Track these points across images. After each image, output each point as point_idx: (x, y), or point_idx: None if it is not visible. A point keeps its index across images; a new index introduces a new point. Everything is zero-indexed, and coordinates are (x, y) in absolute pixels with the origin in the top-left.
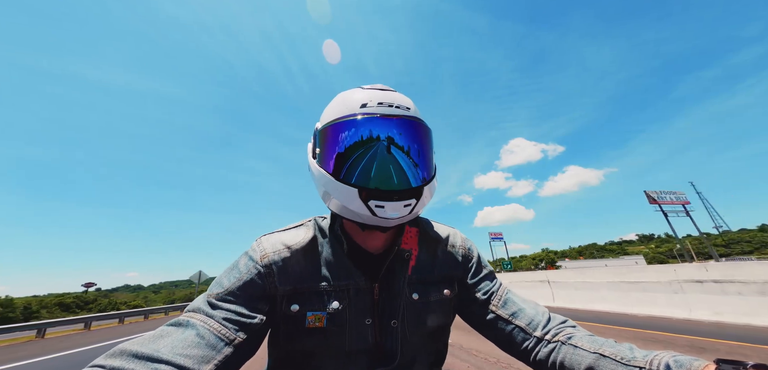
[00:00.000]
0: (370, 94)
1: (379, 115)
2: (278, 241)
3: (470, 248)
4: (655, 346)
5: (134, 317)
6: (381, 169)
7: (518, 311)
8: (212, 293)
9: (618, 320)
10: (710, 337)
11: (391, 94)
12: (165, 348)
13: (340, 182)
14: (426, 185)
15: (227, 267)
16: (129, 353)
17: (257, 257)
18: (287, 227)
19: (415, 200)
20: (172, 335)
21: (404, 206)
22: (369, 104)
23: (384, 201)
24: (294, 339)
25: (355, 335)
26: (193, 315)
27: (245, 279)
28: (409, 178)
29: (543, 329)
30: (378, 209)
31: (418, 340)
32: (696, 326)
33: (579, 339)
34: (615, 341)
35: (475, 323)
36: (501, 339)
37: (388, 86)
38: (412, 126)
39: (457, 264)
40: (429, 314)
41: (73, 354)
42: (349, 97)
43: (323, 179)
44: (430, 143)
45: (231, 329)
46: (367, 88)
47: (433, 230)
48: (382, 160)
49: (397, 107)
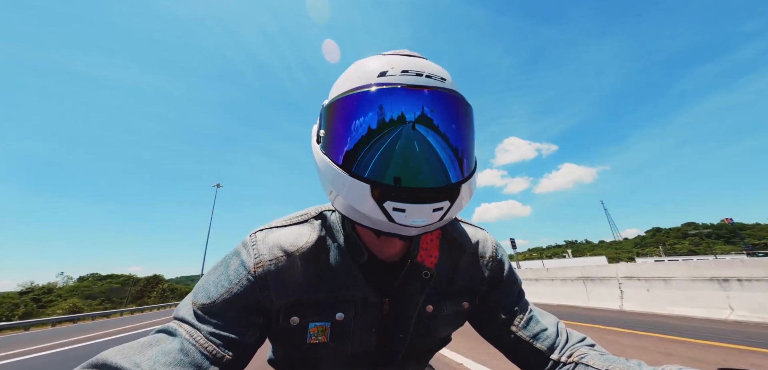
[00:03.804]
0: (391, 60)
1: (403, 85)
2: (275, 244)
3: (502, 259)
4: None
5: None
6: (403, 159)
7: (540, 333)
8: (197, 302)
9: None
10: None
11: (421, 61)
12: (146, 363)
13: (347, 175)
14: (465, 182)
15: (217, 266)
16: (109, 364)
17: (250, 264)
18: (288, 222)
19: (449, 203)
20: (157, 346)
21: (433, 210)
22: (390, 72)
23: (405, 202)
24: (293, 351)
25: (358, 343)
26: (180, 325)
27: (235, 291)
28: (441, 172)
29: (560, 352)
30: (397, 213)
31: (423, 346)
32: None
33: (592, 358)
34: (626, 359)
35: (490, 337)
36: (515, 357)
37: (416, 53)
38: (448, 101)
39: (483, 279)
40: (440, 326)
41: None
42: (365, 65)
43: (329, 172)
44: (471, 126)
45: (218, 345)
46: (389, 54)
47: (459, 233)
48: (405, 147)
49: (428, 77)
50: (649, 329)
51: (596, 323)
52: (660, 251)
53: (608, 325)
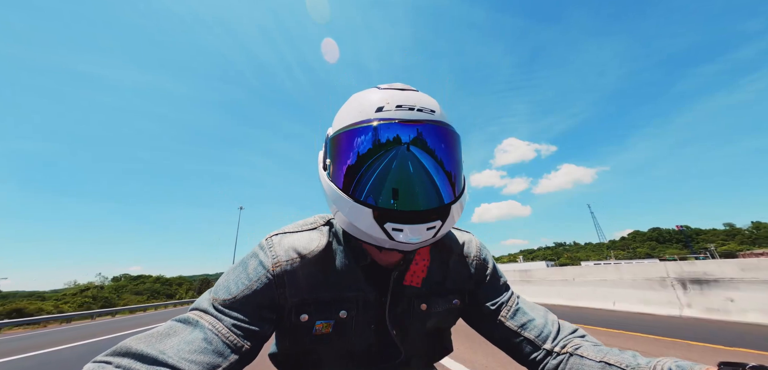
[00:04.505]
0: (387, 95)
1: (398, 120)
2: (291, 246)
3: (485, 258)
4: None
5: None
6: (400, 185)
7: (528, 323)
8: (218, 298)
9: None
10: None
11: (413, 95)
12: (171, 350)
13: (350, 200)
14: (454, 202)
15: (235, 266)
16: (133, 352)
17: (269, 263)
18: (300, 228)
19: (441, 221)
20: (179, 334)
21: (427, 228)
22: (386, 107)
23: (403, 224)
24: (299, 343)
25: (359, 339)
26: (202, 316)
27: (255, 287)
28: (433, 195)
29: (553, 342)
30: (396, 232)
31: (420, 342)
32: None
33: (585, 349)
34: (619, 350)
35: (482, 331)
36: (509, 349)
37: (408, 85)
38: (437, 132)
39: (470, 276)
40: (435, 322)
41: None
42: (364, 100)
43: (335, 197)
44: (459, 152)
45: (239, 336)
46: (385, 88)
47: (448, 237)
48: (401, 174)
49: (419, 110)
50: (560, 316)
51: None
52: (612, 255)
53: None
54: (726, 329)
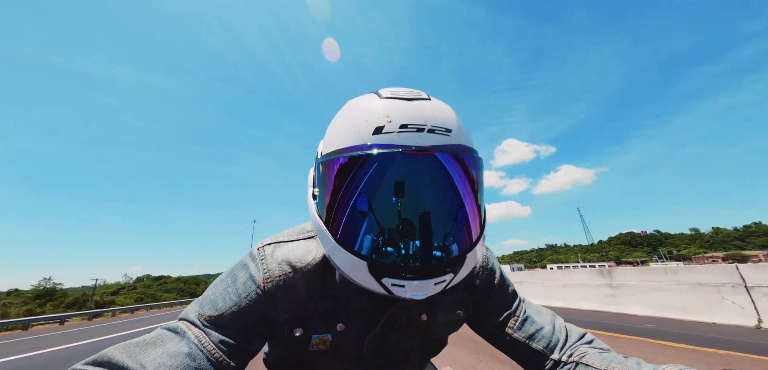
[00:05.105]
0: (389, 109)
1: (403, 148)
2: (284, 259)
3: (492, 267)
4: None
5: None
6: (402, 236)
7: (536, 333)
8: (204, 314)
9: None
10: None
11: (422, 107)
12: (151, 364)
13: (343, 248)
14: (471, 250)
15: (223, 277)
16: (114, 363)
17: (260, 278)
18: (296, 236)
19: (453, 274)
20: (164, 345)
21: (435, 284)
22: (387, 128)
23: (405, 281)
24: (295, 355)
25: (357, 352)
26: (189, 327)
27: (244, 304)
28: (445, 247)
29: (560, 351)
30: (396, 288)
31: (420, 348)
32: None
33: (591, 357)
34: (624, 357)
35: (489, 340)
36: (517, 359)
37: (416, 91)
38: (454, 163)
39: (474, 288)
40: (436, 331)
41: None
42: (360, 113)
43: (322, 236)
44: (481, 182)
45: (225, 353)
46: (387, 96)
47: None
48: (404, 223)
49: (430, 131)
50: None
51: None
52: (579, 259)
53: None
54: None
